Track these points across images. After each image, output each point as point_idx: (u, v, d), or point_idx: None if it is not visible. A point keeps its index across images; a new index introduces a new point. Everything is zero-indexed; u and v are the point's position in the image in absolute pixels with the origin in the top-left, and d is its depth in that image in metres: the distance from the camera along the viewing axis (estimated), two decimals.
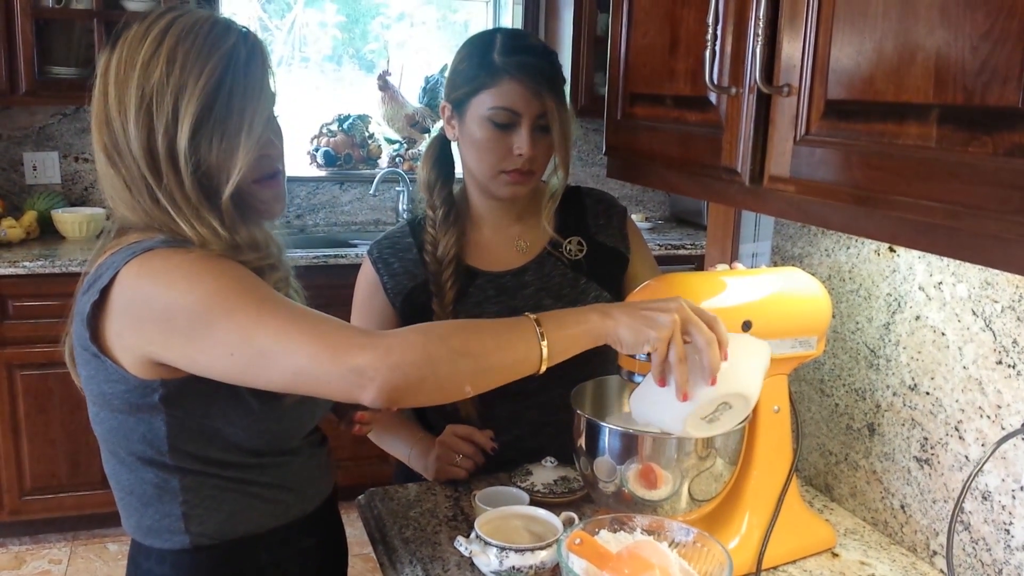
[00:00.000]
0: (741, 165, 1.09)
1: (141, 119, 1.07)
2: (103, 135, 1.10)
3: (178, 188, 1.08)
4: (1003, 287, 1.19)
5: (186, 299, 1.02)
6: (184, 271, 1.04)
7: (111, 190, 1.12)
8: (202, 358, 1.03)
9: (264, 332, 1.00)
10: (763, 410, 1.26)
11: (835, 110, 0.95)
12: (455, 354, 1.02)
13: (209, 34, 1.09)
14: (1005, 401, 1.20)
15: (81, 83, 3.34)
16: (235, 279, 1.05)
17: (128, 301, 1.05)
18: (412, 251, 1.57)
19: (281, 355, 1.00)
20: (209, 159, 1.08)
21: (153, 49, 1.07)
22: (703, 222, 3.74)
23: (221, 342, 1.01)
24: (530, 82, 1.43)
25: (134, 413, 1.10)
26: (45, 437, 3.09)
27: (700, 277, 1.30)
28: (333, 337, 1.00)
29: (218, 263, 1.06)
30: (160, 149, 1.07)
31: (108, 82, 1.09)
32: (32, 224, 3.31)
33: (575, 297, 1.56)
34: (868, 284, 1.43)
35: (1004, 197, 0.76)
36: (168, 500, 1.13)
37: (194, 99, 1.06)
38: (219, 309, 1.01)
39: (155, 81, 1.06)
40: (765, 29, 1.02)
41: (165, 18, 1.10)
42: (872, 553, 1.35)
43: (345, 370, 0.98)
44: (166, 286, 1.03)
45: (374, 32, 4.25)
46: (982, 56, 0.78)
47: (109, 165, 1.10)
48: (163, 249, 1.07)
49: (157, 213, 1.09)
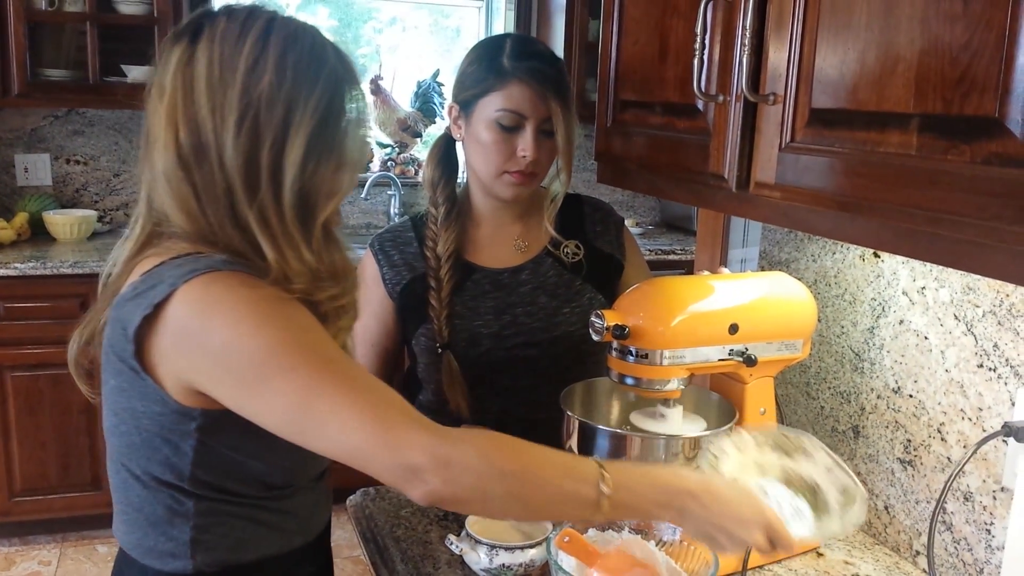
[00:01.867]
0: (728, 171, 1.11)
1: (245, 128, 1.00)
2: (181, 134, 1.01)
3: (273, 205, 1.02)
4: (984, 292, 1.22)
5: (249, 343, 0.96)
6: (252, 311, 0.97)
7: (172, 193, 1.03)
8: (252, 406, 0.98)
9: (324, 400, 0.95)
10: (749, 412, 1.28)
11: (819, 118, 0.97)
12: (509, 497, 0.98)
13: (313, 46, 1.04)
14: (986, 403, 1.22)
15: (73, 85, 3.35)
16: (303, 330, 0.99)
17: (184, 326, 0.98)
18: (413, 245, 1.60)
19: (337, 429, 0.95)
20: (314, 179, 1.03)
21: (257, 53, 1.00)
22: (693, 227, 3.77)
23: (277, 397, 0.96)
24: (537, 86, 1.46)
25: (163, 435, 1.04)
26: (35, 439, 3.09)
27: (688, 281, 1.32)
28: (394, 426, 0.95)
29: (287, 308, 1.00)
30: (264, 162, 1.00)
31: (195, 78, 1.01)
32: (23, 226, 3.31)
33: (570, 297, 1.59)
34: (853, 289, 1.46)
35: (982, 204, 0.79)
36: (179, 524, 1.08)
37: (307, 115, 1.01)
38: (282, 362, 0.96)
39: (264, 90, 1.00)
40: (752, 39, 1.04)
41: (261, 18, 1.03)
42: (856, 553, 1.37)
43: (398, 464, 0.94)
44: (231, 322, 0.97)
45: (366, 36, 4.26)
46: (961, 67, 0.80)
47: (180, 168, 1.02)
48: (228, 274, 0.99)
49: (228, 228, 1.02)
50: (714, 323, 1.23)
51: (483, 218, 1.61)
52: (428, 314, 1.55)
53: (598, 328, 1.22)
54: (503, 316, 1.56)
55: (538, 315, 1.57)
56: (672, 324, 1.20)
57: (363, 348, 1.62)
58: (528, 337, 1.55)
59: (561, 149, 1.50)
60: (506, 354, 1.55)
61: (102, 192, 3.65)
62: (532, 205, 1.62)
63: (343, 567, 2.92)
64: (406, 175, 4.01)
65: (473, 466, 0.96)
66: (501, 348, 1.55)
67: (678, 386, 1.24)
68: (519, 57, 1.48)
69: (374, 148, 4.07)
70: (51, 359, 3.00)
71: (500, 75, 1.47)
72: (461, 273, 1.56)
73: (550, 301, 1.57)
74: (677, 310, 1.21)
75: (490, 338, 1.54)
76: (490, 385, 1.57)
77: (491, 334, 1.54)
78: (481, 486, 0.96)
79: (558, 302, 1.58)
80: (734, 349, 1.24)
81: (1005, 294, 1.19)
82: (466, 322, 1.54)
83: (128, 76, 3.30)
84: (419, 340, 1.57)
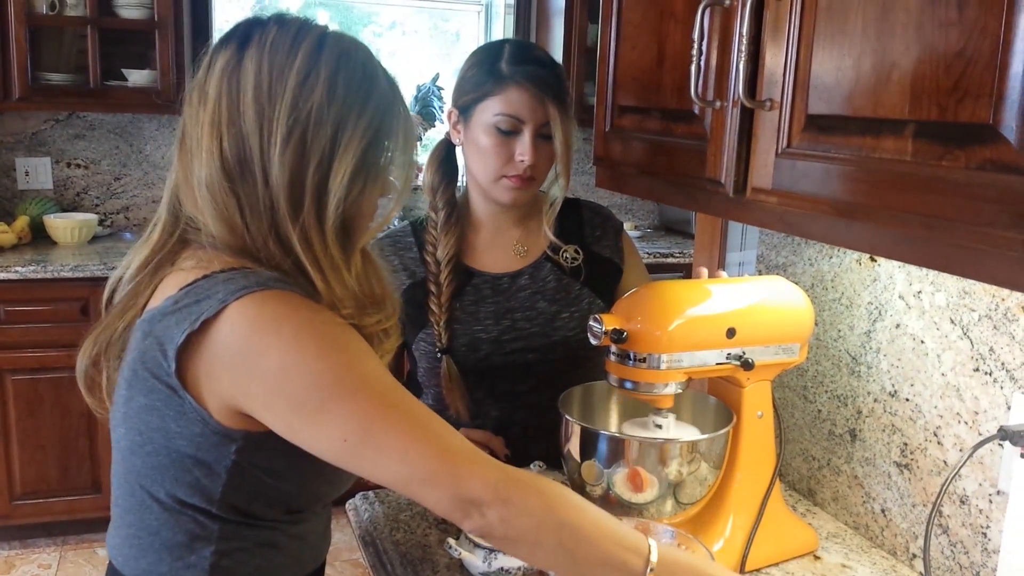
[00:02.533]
0: (725, 176, 1.12)
1: (292, 144, 0.96)
2: (225, 142, 0.98)
3: (316, 227, 0.98)
4: (980, 296, 1.22)
5: (312, 367, 0.93)
6: (313, 334, 0.94)
7: (214, 203, 0.99)
8: (307, 431, 0.94)
9: (387, 429, 0.93)
10: (747, 415, 1.29)
11: (815, 124, 0.98)
12: (560, 549, 0.96)
13: (365, 66, 1.01)
14: (982, 407, 1.23)
15: (74, 89, 3.36)
16: (364, 357, 0.96)
17: (237, 346, 0.94)
18: (412, 250, 1.60)
19: (397, 458, 0.93)
20: (359, 203, 1.01)
21: (309, 67, 0.97)
22: (691, 231, 3.77)
23: (336, 424, 0.93)
24: (535, 91, 1.47)
25: (197, 456, 1.00)
26: (35, 442, 3.09)
27: (686, 285, 1.33)
28: (458, 458, 0.94)
29: (346, 333, 0.97)
30: (309, 181, 0.97)
31: (242, 86, 0.97)
32: (24, 229, 3.32)
33: (569, 302, 1.59)
34: (850, 293, 1.46)
35: (976, 209, 0.79)
36: (200, 548, 1.04)
37: (356, 138, 0.98)
38: (343, 390, 0.93)
39: (313, 106, 0.96)
40: (748, 45, 1.05)
41: (314, 31, 1.00)
42: (853, 556, 1.37)
43: (457, 495, 0.93)
44: (291, 345, 0.93)
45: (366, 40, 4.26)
46: (956, 73, 0.81)
47: (225, 178, 0.98)
48: (283, 294, 0.95)
49: (271, 245, 0.99)
50: (712, 327, 1.24)
51: (482, 223, 1.62)
52: (428, 319, 1.55)
53: (596, 332, 1.22)
54: (502, 321, 1.56)
55: (537, 320, 1.57)
56: (670, 328, 1.21)
57: None
58: (527, 342, 1.56)
59: (559, 154, 1.51)
60: (505, 359, 1.55)
61: (103, 196, 3.66)
62: (531, 210, 1.63)
63: (343, 570, 2.92)
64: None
65: (533, 511, 0.95)
66: (500, 353, 1.55)
67: (676, 390, 1.24)
68: (517, 62, 1.49)
69: None
70: (51, 363, 3.00)
71: (498, 80, 1.48)
72: (461, 278, 1.57)
73: (549, 306, 1.58)
74: (675, 314, 1.22)
75: (489, 343, 1.55)
76: (489, 390, 1.58)
77: (490, 339, 1.55)
78: (536, 532, 0.95)
79: (557, 307, 1.58)
80: (731, 353, 1.24)
81: (1000, 298, 1.19)
82: (465, 327, 1.55)
83: (129, 80, 3.31)
84: (419, 345, 1.58)
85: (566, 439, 1.27)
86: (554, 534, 0.96)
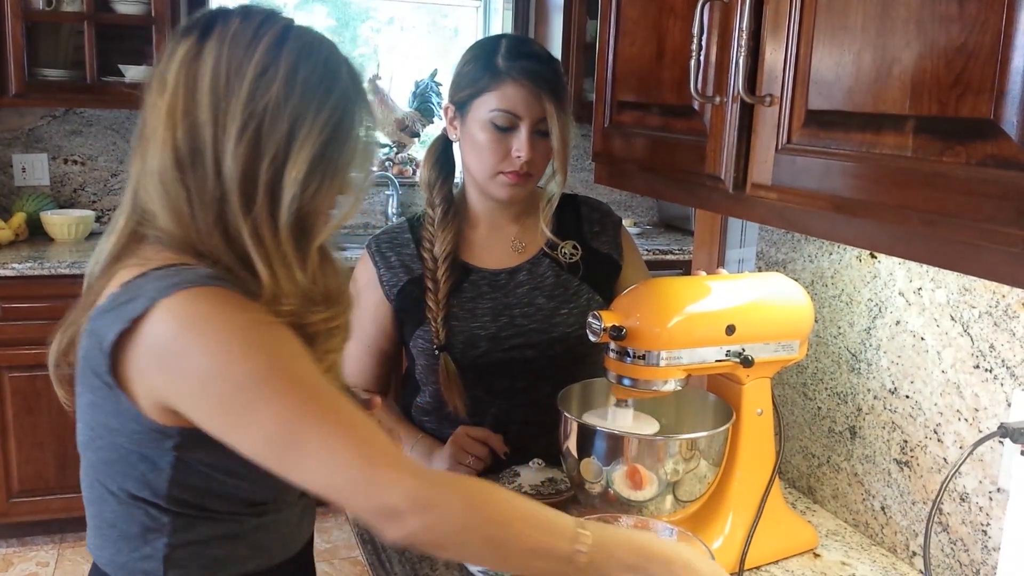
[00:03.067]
0: (724, 172, 1.11)
1: (247, 138, 0.96)
2: (179, 133, 0.97)
3: (269, 222, 0.98)
4: (980, 293, 1.22)
5: (234, 368, 0.92)
6: (238, 334, 0.93)
7: (164, 193, 0.99)
8: (231, 433, 0.94)
9: (306, 433, 0.92)
10: (746, 413, 1.28)
11: (815, 120, 0.97)
12: (487, 546, 0.97)
13: (328, 62, 1.00)
14: (982, 404, 1.22)
15: (71, 85, 3.35)
16: (291, 357, 0.95)
17: (164, 345, 0.94)
18: (410, 246, 1.60)
19: (319, 463, 0.93)
20: (315, 201, 1.00)
21: (267, 61, 0.96)
22: (691, 227, 3.77)
23: (258, 426, 0.93)
24: (531, 86, 1.46)
25: (140, 452, 1.00)
26: (33, 439, 3.09)
27: (685, 282, 1.32)
28: (377, 465, 0.93)
29: (275, 332, 0.95)
30: (262, 176, 0.97)
31: (199, 77, 0.96)
32: (21, 226, 3.31)
33: (567, 298, 1.59)
34: (850, 290, 1.46)
35: (976, 205, 0.79)
36: (153, 540, 1.04)
37: (313, 135, 0.97)
38: (267, 391, 0.92)
39: (270, 101, 0.96)
40: (748, 41, 1.04)
41: (277, 24, 0.99)
42: (853, 554, 1.37)
43: (378, 504, 0.92)
44: (214, 345, 0.93)
45: (364, 36, 4.26)
46: (956, 69, 0.80)
47: (176, 169, 0.97)
48: (213, 291, 0.95)
49: (216, 237, 0.98)
50: (711, 324, 1.23)
51: (480, 219, 1.61)
52: (426, 316, 1.54)
53: (595, 329, 1.22)
54: (500, 318, 1.56)
55: (536, 316, 1.57)
56: (669, 325, 1.20)
57: (360, 350, 1.62)
58: (526, 339, 1.55)
59: (556, 150, 1.50)
60: (504, 356, 1.55)
61: (100, 192, 3.65)
62: (529, 206, 1.62)
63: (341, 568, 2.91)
64: (404, 175, 4.01)
65: (455, 513, 0.94)
66: (499, 350, 1.55)
67: (675, 387, 1.24)
68: (514, 57, 1.48)
69: None
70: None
71: (495, 75, 1.47)
72: (458, 274, 1.56)
73: (548, 302, 1.57)
74: (674, 311, 1.21)
75: (487, 340, 1.54)
76: (488, 387, 1.57)
77: (488, 336, 1.54)
78: (460, 534, 0.95)
79: (556, 303, 1.58)
80: (731, 350, 1.24)
81: (1001, 295, 1.19)
82: (463, 324, 1.54)
83: (126, 76, 3.30)
84: (416, 342, 1.57)
85: (565, 436, 1.27)
86: (479, 533, 0.96)
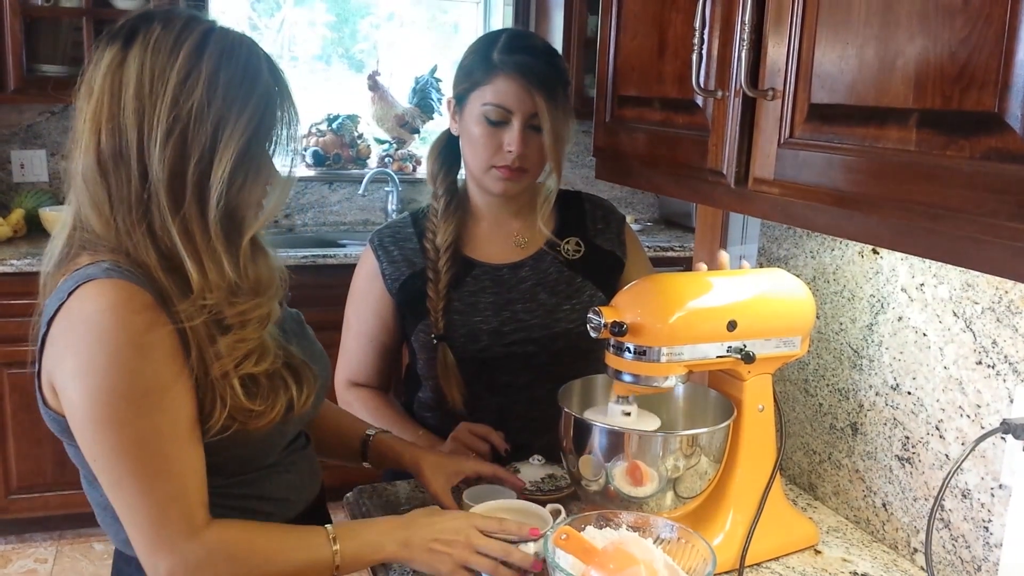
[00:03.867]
0: (726, 167, 1.11)
1: (173, 142, 1.00)
2: (102, 140, 1.02)
3: (198, 219, 1.03)
4: (983, 289, 1.21)
5: (94, 380, 0.98)
6: (114, 345, 0.98)
7: (89, 198, 1.04)
8: (77, 436, 1.02)
9: (125, 477, 1.00)
10: (747, 409, 1.28)
11: (818, 114, 0.97)
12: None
13: (248, 62, 1.04)
14: (984, 400, 1.22)
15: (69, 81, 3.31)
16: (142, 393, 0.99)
17: (57, 339, 1.01)
18: (413, 240, 1.60)
19: (122, 506, 1.02)
20: (241, 196, 1.05)
21: (190, 66, 1.00)
22: (692, 224, 3.76)
23: (92, 444, 1.00)
24: (523, 81, 1.46)
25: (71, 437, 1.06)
26: (31, 436, 3.08)
27: (687, 278, 1.32)
28: (162, 536, 1.01)
29: (144, 353, 0.99)
30: (190, 177, 1.01)
31: (124, 84, 1.01)
32: (19, 222, 3.30)
33: (570, 294, 1.58)
34: (852, 286, 1.45)
35: (980, 200, 0.78)
36: None
37: (236, 135, 1.02)
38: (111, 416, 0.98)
39: (194, 105, 1.00)
40: (751, 34, 1.04)
41: (197, 29, 1.03)
42: (854, 550, 1.37)
43: (152, 567, 1.02)
44: (88, 352, 0.98)
45: (363, 32, 4.25)
46: (960, 62, 0.80)
47: (99, 173, 1.03)
48: (106, 290, 0.99)
49: (137, 235, 1.03)
50: (712, 320, 1.23)
51: (482, 214, 1.61)
52: (427, 308, 1.54)
53: (596, 325, 1.21)
54: (503, 312, 1.55)
55: (538, 312, 1.56)
56: (670, 321, 1.20)
57: (361, 343, 1.62)
58: (528, 333, 1.55)
59: (548, 146, 1.49)
60: (505, 350, 1.54)
61: None
62: (531, 202, 1.62)
63: None
64: (404, 171, 4.01)
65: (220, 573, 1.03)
66: (500, 344, 1.54)
67: (676, 383, 1.23)
68: (509, 51, 1.48)
69: (371, 144, 4.06)
70: None
71: (488, 69, 1.47)
72: (460, 267, 1.56)
73: (550, 298, 1.57)
74: (675, 307, 1.21)
75: (489, 334, 1.54)
76: (489, 382, 1.57)
77: (490, 330, 1.54)
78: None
79: (558, 299, 1.57)
80: (732, 346, 1.23)
81: (1004, 291, 1.18)
82: (465, 317, 1.54)
83: None
84: (418, 336, 1.57)
85: (565, 432, 1.26)
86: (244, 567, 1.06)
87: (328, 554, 1.09)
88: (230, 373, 1.04)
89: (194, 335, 1.03)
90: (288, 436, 1.21)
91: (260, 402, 1.07)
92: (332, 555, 1.09)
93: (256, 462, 1.16)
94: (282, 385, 1.11)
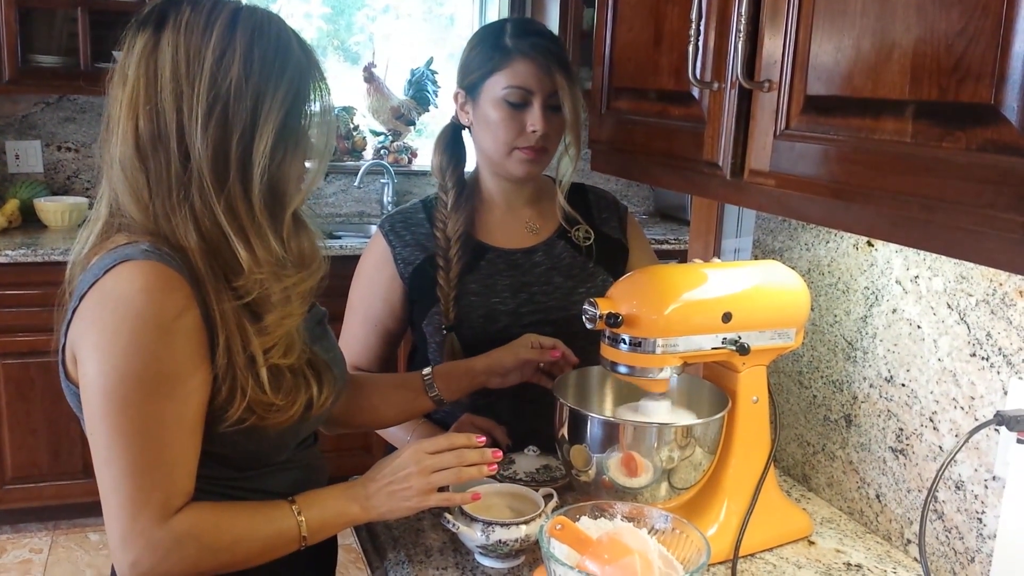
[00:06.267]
0: (722, 159, 1.11)
1: (215, 120, 1.01)
2: (140, 125, 1.02)
3: (242, 197, 1.03)
4: (978, 281, 1.22)
5: (108, 363, 0.98)
6: (136, 330, 0.98)
7: (127, 185, 1.04)
8: (85, 405, 1.02)
9: (114, 459, 1.00)
10: (742, 401, 1.28)
11: (814, 105, 0.97)
12: (222, 567, 1.08)
13: (280, 37, 1.06)
14: (978, 392, 1.22)
15: (64, 72, 3.33)
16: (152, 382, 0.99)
17: (82, 318, 1.02)
18: (424, 226, 1.61)
19: (107, 485, 1.02)
20: (282, 169, 1.05)
21: (224, 45, 1.01)
22: (687, 217, 3.76)
23: (90, 421, 1.01)
24: (542, 60, 1.49)
25: None
26: (27, 426, 3.08)
27: (682, 270, 1.32)
28: (137, 514, 1.01)
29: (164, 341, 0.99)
30: (232, 154, 1.02)
31: (159, 68, 1.01)
32: (14, 213, 3.30)
33: (584, 278, 1.60)
34: (846, 278, 1.46)
35: (976, 191, 0.78)
36: None
37: (275, 109, 1.03)
38: (115, 401, 0.99)
39: (232, 82, 1.01)
40: (747, 26, 1.04)
41: (226, 8, 1.04)
42: (848, 541, 1.37)
43: (122, 559, 1.02)
44: (109, 334, 0.99)
45: (359, 24, 4.24)
46: (957, 54, 0.80)
47: (138, 159, 1.02)
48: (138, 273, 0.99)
49: (179, 221, 1.03)
50: (707, 311, 1.23)
51: (495, 202, 1.63)
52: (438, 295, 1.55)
53: (591, 316, 1.21)
54: (520, 294, 1.57)
55: (554, 294, 1.58)
56: (666, 312, 1.20)
57: (365, 328, 1.63)
58: (546, 315, 1.57)
59: (569, 122, 1.52)
60: (523, 331, 1.54)
61: (93, 179, 3.62)
62: (542, 189, 1.65)
63: None
64: (399, 163, 4.00)
65: (190, 556, 1.04)
66: (518, 325, 1.55)
67: (671, 375, 1.23)
68: (521, 35, 1.51)
69: (367, 136, 4.06)
70: (42, 346, 2.98)
71: (504, 54, 1.49)
72: (474, 253, 1.58)
73: (565, 281, 1.59)
74: (671, 298, 1.21)
75: (507, 315, 1.55)
76: None
77: (508, 311, 1.55)
78: (195, 567, 1.05)
79: (573, 282, 1.59)
80: (727, 337, 1.24)
81: (998, 283, 1.19)
82: (483, 299, 1.55)
83: None
84: (432, 319, 1.57)
85: (560, 423, 1.26)
86: (213, 558, 1.06)
87: (293, 524, 1.09)
88: (258, 360, 1.05)
89: (224, 321, 1.03)
90: (301, 435, 1.20)
91: (282, 396, 1.08)
92: (298, 526, 1.09)
93: (267, 459, 1.16)
94: (304, 383, 1.11)
